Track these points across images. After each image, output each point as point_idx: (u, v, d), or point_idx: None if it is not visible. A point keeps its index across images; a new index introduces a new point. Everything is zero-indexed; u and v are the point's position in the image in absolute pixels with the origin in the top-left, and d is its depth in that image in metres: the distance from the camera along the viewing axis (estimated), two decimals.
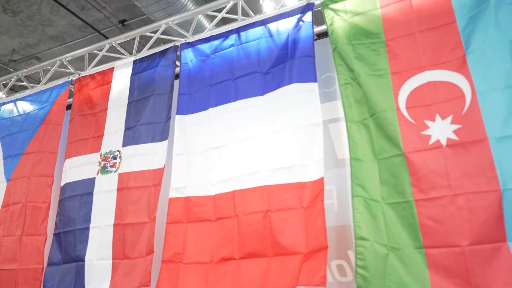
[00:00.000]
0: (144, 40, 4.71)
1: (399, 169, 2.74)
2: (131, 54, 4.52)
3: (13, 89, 6.92)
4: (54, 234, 3.93)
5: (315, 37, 3.77)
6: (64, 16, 8.24)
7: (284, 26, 3.57)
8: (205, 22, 6.76)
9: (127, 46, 5.00)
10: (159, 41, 4.57)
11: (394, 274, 2.55)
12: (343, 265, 3.13)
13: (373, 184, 2.83)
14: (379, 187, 2.81)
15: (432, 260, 2.52)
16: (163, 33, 4.42)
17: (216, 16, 4.07)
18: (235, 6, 3.95)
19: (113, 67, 4.37)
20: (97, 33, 8.77)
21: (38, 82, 5.49)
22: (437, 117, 2.72)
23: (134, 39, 4.53)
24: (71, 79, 4.65)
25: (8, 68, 9.57)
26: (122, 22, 8.55)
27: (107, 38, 8.58)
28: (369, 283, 2.59)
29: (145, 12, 6.97)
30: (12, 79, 5.31)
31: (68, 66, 4.85)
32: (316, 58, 3.61)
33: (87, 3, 8.02)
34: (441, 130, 2.68)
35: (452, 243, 2.48)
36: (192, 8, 6.90)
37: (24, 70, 5.14)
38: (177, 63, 4.08)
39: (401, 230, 2.66)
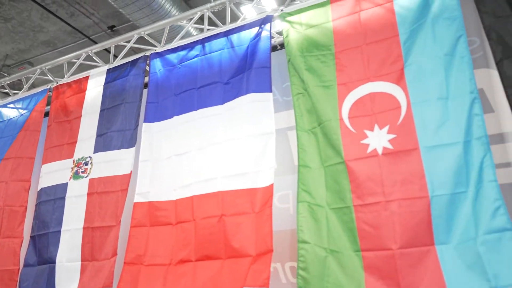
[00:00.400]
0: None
1: (341, 176, 2.90)
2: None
3: (8, 94, 7.13)
4: (30, 237, 4.12)
5: (279, 47, 3.94)
6: (54, 23, 8.46)
7: (245, 38, 3.73)
8: (190, 28, 6.95)
9: (118, 52, 5.13)
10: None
11: (331, 276, 2.72)
12: (296, 267, 3.28)
13: (319, 190, 2.99)
14: (324, 193, 2.97)
15: (368, 263, 2.68)
16: (139, 42, 4.58)
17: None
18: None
19: (88, 76, 4.54)
20: (87, 39, 9.00)
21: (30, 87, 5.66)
22: (376, 127, 2.88)
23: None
24: (49, 87, 4.83)
25: (2, 73, 9.80)
26: (111, 27, 8.76)
27: (96, 43, 8.76)
28: (309, 284, 2.75)
29: (130, 19, 7.17)
30: None
31: (48, 74, 5.04)
32: (278, 67, 3.78)
33: (75, 10, 8.23)
34: (378, 139, 2.84)
35: (385, 246, 2.64)
36: (176, 14, 7.08)
37: (7, 78, 5.34)
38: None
39: (341, 234, 2.82)
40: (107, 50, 5.18)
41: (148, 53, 4.30)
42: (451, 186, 2.60)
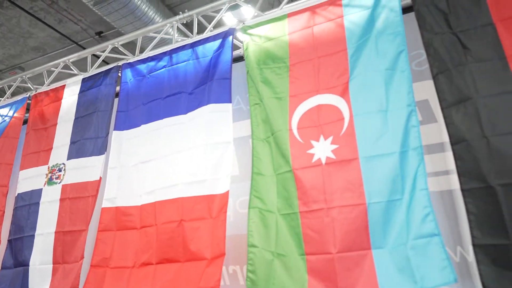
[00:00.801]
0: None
1: (289, 184, 3.07)
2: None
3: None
4: (8, 240, 4.31)
5: (244, 59, 4.10)
6: (43, 29, 8.64)
7: (209, 49, 3.89)
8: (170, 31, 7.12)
9: (109, 59, 5.26)
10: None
11: (277, 278, 2.89)
12: None
13: (271, 197, 3.16)
14: (276, 199, 3.14)
15: (311, 266, 2.85)
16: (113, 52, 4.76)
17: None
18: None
19: (65, 85, 4.73)
20: (75, 44, 9.19)
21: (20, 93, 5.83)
22: (321, 137, 3.05)
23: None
24: (29, 95, 5.02)
25: None
26: (99, 33, 8.94)
27: (84, 48, 8.96)
28: (256, 286, 2.93)
29: (115, 26, 7.34)
30: None
31: (28, 83, 5.23)
32: (243, 78, 3.93)
33: (63, 17, 8.40)
34: (323, 149, 3.01)
35: (325, 250, 2.81)
36: (160, 21, 7.24)
37: None
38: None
39: (289, 238, 2.99)
40: (96, 56, 5.36)
41: (121, 63, 4.48)
42: (387, 193, 2.76)
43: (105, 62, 5.23)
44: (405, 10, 3.20)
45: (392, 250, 2.68)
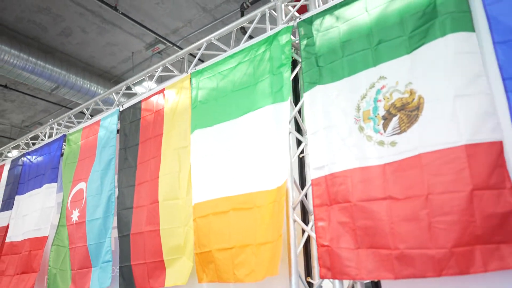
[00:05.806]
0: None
1: (65, 233, 5.71)
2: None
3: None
4: None
5: None
6: (41, 99, 12.16)
7: (53, 147, 6.61)
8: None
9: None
10: None
11: (56, 283, 5.57)
12: None
13: (64, 237, 5.80)
14: (67, 239, 5.79)
15: (72, 276, 5.48)
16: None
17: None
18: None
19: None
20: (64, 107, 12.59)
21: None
22: (76, 208, 5.63)
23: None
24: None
25: (25, 130, 13.82)
26: None
27: (70, 109, 12.17)
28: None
29: (73, 100, 10.39)
30: None
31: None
32: None
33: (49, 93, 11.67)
34: (75, 215, 5.59)
35: (74, 268, 5.41)
36: (102, 92, 10.11)
37: None
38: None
39: (67, 260, 5.63)
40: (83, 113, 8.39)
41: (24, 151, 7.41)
42: (98, 238, 5.27)
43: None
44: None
45: (99, 268, 5.20)
